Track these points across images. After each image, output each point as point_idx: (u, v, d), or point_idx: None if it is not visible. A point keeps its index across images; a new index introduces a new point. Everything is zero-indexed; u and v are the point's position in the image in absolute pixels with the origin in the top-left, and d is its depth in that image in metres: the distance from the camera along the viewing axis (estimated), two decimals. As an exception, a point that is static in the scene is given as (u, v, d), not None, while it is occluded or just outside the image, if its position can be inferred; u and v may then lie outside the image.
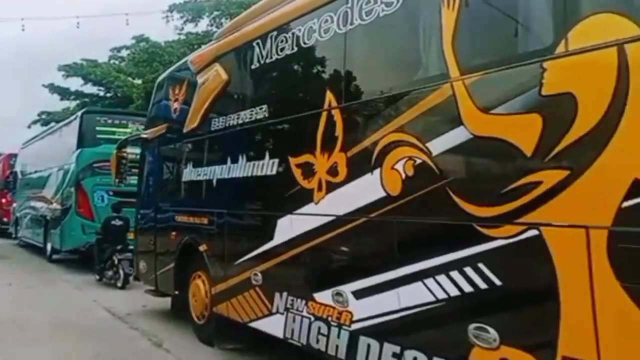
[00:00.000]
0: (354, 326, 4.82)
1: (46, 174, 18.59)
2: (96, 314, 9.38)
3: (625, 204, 2.96)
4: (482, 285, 3.72)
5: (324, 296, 5.20)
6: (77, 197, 15.30)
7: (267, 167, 6.26)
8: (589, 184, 3.16)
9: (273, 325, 5.98)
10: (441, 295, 4.00)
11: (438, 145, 4.14)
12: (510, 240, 3.56)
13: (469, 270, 3.80)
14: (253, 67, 6.76)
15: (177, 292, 8.56)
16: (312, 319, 5.35)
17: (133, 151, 11.19)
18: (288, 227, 5.80)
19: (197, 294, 7.87)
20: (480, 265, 3.73)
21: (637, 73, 2.98)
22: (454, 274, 3.90)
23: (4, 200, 25.95)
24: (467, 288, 3.81)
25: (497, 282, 3.64)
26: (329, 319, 5.11)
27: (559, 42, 3.41)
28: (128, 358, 6.79)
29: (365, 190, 4.76)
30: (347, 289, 4.91)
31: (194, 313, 7.96)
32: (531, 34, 3.78)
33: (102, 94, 29.96)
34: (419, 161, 4.27)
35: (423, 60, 4.64)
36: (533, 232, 3.42)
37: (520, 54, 3.76)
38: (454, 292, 3.90)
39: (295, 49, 5.97)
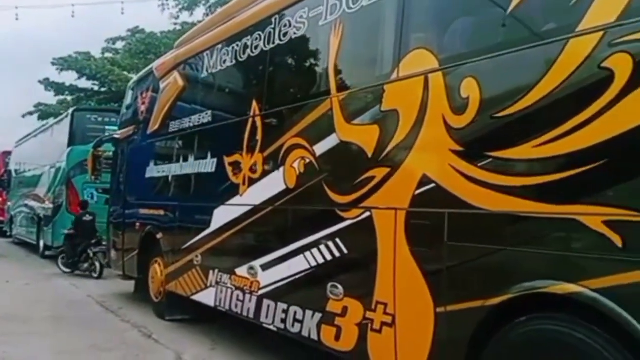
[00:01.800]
0: (260, 292, 5.91)
1: (39, 173, 19.13)
2: (90, 308, 9.79)
3: (417, 191, 4.09)
4: (337, 254, 4.85)
5: (242, 270, 6.28)
6: (68, 194, 15.88)
7: (209, 165, 7.37)
8: (399, 177, 4.28)
9: (207, 297, 7.10)
10: (313, 263, 5.11)
11: (320, 148, 5.22)
12: (355, 220, 4.68)
13: (330, 243, 4.91)
14: (203, 76, 7.89)
15: (140, 276, 9.69)
16: (234, 289, 6.45)
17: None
18: (221, 216, 6.89)
19: (155, 276, 9.00)
20: (337, 240, 4.85)
21: (434, 96, 4.09)
22: (322, 247, 5.00)
23: (0, 199, 26.31)
24: (328, 257, 4.93)
25: (345, 251, 4.78)
26: (245, 288, 6.21)
27: (393, 70, 4.51)
28: (121, 348, 7.00)
29: (273, 184, 5.83)
30: (258, 263, 6.00)
31: (152, 293, 9.11)
32: (380, 64, 4.86)
33: (96, 88, 29.56)
34: (307, 161, 5.35)
35: (317, 78, 5.76)
36: (367, 214, 4.54)
37: (372, 78, 4.89)
38: (321, 260, 5.01)
39: (234, 61, 7.03)
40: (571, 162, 3.15)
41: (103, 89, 29.03)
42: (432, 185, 3.97)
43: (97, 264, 13.27)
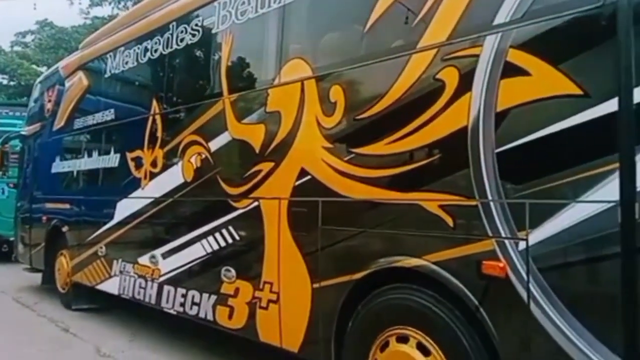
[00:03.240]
0: (161, 279, 6.37)
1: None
2: (4, 304, 9.68)
3: (296, 183, 4.66)
4: (230, 240, 5.36)
5: (144, 259, 6.72)
6: None
7: (112, 160, 7.77)
8: (282, 171, 4.83)
9: (111, 285, 7.51)
10: (209, 250, 5.60)
11: (214, 144, 5.72)
12: (245, 210, 5.20)
13: (224, 231, 5.42)
14: (106, 76, 8.23)
15: (46, 268, 10.00)
16: (137, 277, 6.88)
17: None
18: (123, 209, 7.30)
19: (61, 268, 9.33)
20: (230, 227, 5.36)
21: (308, 100, 4.66)
22: (217, 235, 5.50)
23: None
24: (222, 243, 5.43)
25: (237, 237, 5.30)
26: (147, 275, 6.65)
27: (276, 76, 5.06)
28: (40, 342, 6.96)
29: (172, 177, 6.30)
30: (158, 252, 6.44)
31: (59, 284, 9.43)
32: (265, 70, 5.38)
33: (5, 82, 29.32)
34: (203, 156, 5.84)
35: (211, 81, 6.24)
36: (256, 203, 5.08)
37: (259, 82, 5.44)
38: (215, 247, 5.51)
39: (135, 63, 7.46)
40: (414, 157, 3.78)
41: (12, 83, 28.65)
42: (309, 177, 4.55)
43: None
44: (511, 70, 3.26)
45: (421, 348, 3.71)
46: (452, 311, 3.57)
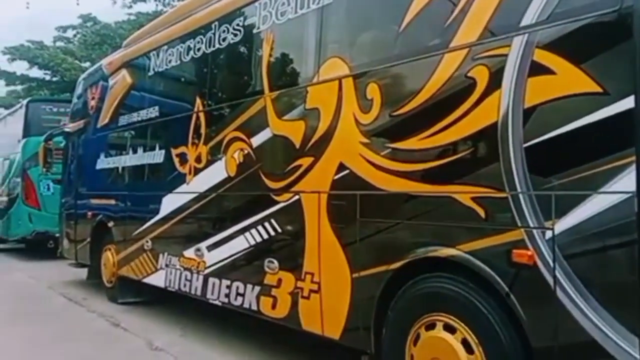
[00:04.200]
0: (206, 271, 6.62)
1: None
2: (53, 299, 9.75)
3: (335, 177, 4.88)
4: (272, 233, 5.59)
5: (189, 252, 6.98)
6: (24, 186, 15.62)
7: (157, 156, 8.06)
8: (321, 165, 5.06)
9: (158, 279, 7.80)
10: (252, 242, 5.84)
11: (256, 140, 5.97)
12: (286, 203, 5.44)
13: (266, 224, 5.66)
14: (150, 74, 8.54)
15: (92, 263, 10.32)
16: (182, 270, 7.15)
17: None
18: (169, 203, 7.59)
19: (107, 263, 9.61)
20: (272, 220, 5.60)
21: (346, 97, 4.88)
22: (259, 227, 5.74)
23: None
24: (265, 236, 5.67)
25: (279, 230, 5.53)
26: (192, 268, 6.92)
27: (315, 74, 5.29)
28: (90, 338, 7.07)
29: (216, 173, 6.56)
30: (203, 245, 6.70)
31: (105, 278, 9.72)
32: (304, 69, 5.62)
33: (48, 78, 29.56)
34: (246, 151, 6.08)
35: (252, 79, 6.49)
36: (296, 197, 5.31)
37: (299, 80, 5.67)
38: (259, 239, 5.75)
39: (178, 61, 7.74)
40: (447, 151, 3.98)
41: (55, 79, 28.99)
42: (347, 171, 4.76)
43: None
44: (537, 69, 3.45)
45: (454, 333, 3.92)
46: (485, 298, 3.76)
